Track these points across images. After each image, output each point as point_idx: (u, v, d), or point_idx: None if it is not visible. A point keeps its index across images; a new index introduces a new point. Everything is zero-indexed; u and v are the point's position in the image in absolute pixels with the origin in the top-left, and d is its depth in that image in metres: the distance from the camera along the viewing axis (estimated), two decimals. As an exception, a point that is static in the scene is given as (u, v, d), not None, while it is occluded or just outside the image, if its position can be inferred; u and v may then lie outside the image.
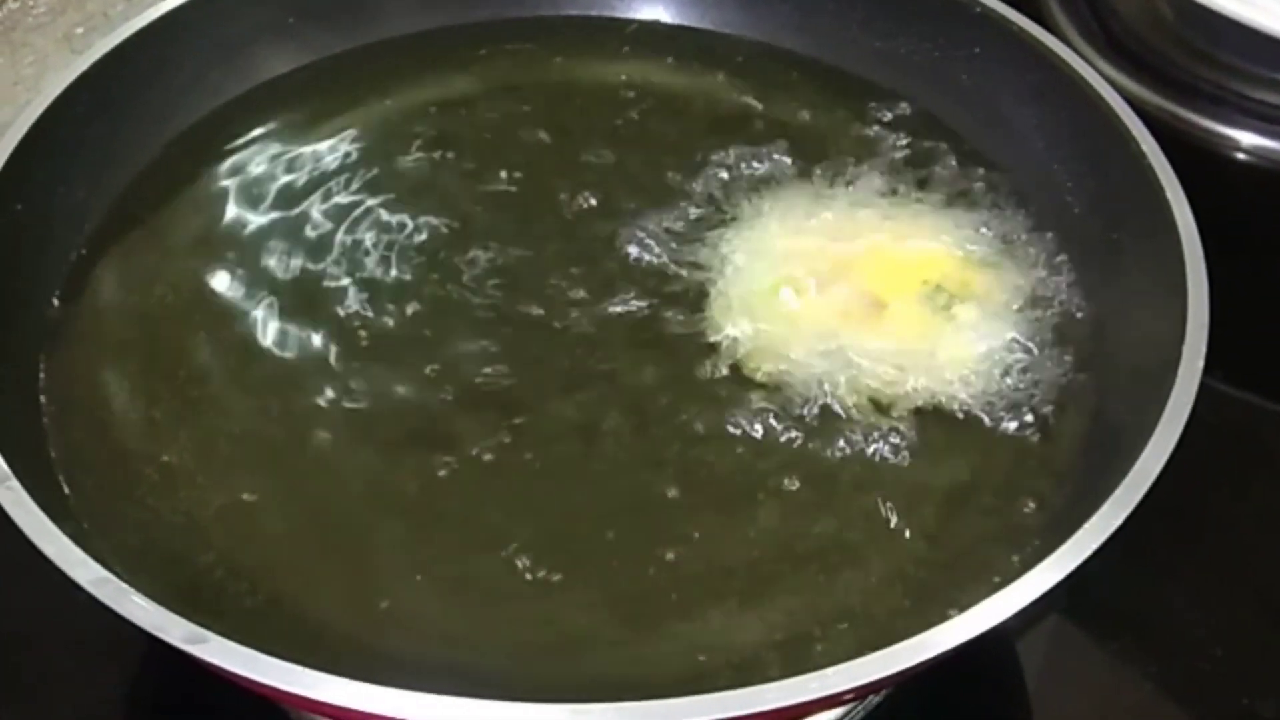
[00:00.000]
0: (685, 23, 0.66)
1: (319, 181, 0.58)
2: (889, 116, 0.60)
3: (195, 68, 0.60)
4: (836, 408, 0.49)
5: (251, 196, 0.57)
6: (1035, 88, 0.58)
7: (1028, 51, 0.58)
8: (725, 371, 0.50)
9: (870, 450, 0.48)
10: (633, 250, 0.55)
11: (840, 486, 0.47)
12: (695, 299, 0.53)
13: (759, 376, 0.50)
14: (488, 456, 0.48)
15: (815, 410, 0.49)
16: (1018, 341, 0.51)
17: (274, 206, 0.57)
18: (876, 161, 0.58)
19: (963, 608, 0.39)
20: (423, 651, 0.43)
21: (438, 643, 0.43)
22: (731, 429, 0.49)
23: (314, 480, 0.47)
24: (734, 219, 0.56)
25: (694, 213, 0.56)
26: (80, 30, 0.68)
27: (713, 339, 0.51)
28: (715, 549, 0.46)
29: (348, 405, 0.49)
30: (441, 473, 0.47)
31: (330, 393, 0.50)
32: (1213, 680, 0.51)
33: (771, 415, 0.49)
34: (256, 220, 0.56)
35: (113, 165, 0.56)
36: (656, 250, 0.55)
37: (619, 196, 0.57)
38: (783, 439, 0.48)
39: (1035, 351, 0.51)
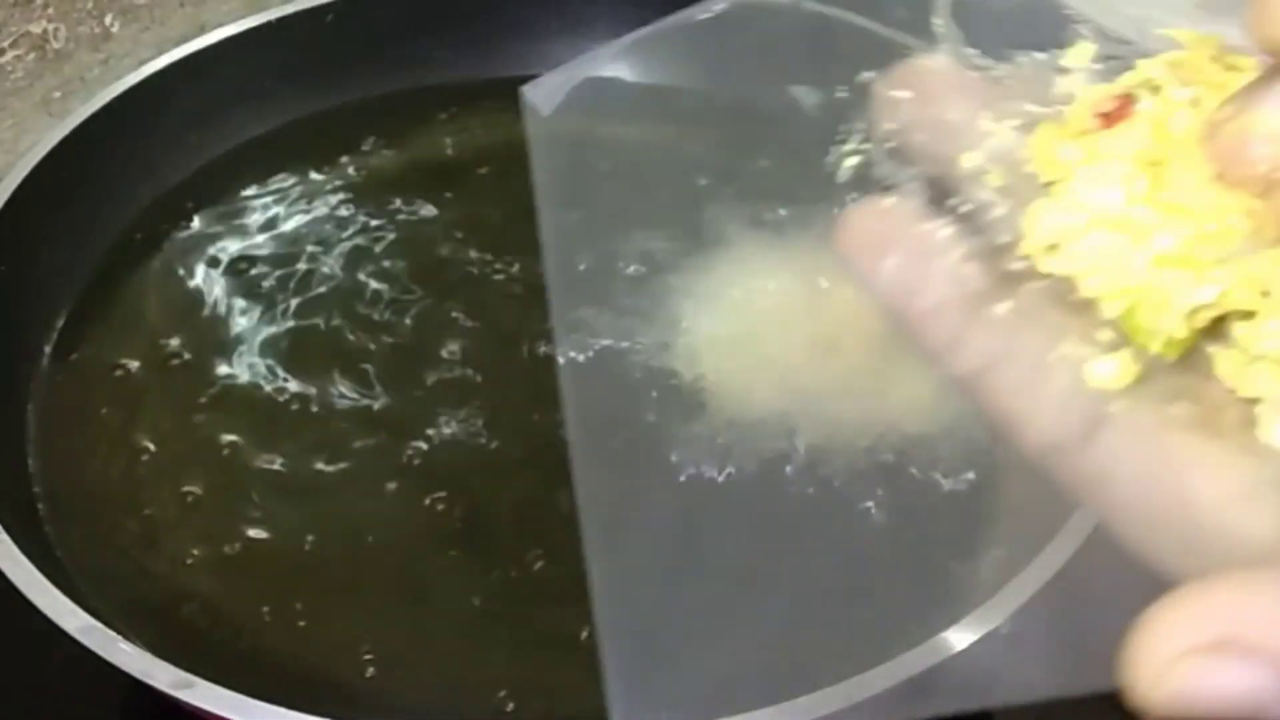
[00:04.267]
0: (648, 81, 0.67)
1: (298, 240, 0.59)
2: (849, 159, 0.62)
3: (173, 130, 0.61)
4: (795, 451, 0.50)
5: (232, 256, 0.58)
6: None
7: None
8: (685, 416, 0.51)
9: (822, 492, 0.49)
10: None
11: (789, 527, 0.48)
12: (655, 346, 0.54)
13: (720, 421, 0.51)
14: (462, 507, 0.49)
15: (773, 452, 0.50)
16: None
17: (254, 266, 0.57)
18: (834, 203, 0.60)
19: (903, 650, 0.40)
20: (404, 695, 0.44)
21: (417, 687, 0.44)
22: (687, 473, 0.50)
23: (295, 530, 0.48)
24: (693, 264, 0.57)
25: (655, 258, 0.57)
26: (58, 94, 0.68)
27: (674, 383, 0.52)
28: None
29: (328, 458, 0.50)
30: (420, 523, 0.48)
31: (311, 447, 0.50)
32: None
33: (732, 458, 0.50)
34: (238, 280, 0.57)
35: (95, 226, 0.57)
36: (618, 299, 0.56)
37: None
38: (741, 482, 0.49)
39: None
